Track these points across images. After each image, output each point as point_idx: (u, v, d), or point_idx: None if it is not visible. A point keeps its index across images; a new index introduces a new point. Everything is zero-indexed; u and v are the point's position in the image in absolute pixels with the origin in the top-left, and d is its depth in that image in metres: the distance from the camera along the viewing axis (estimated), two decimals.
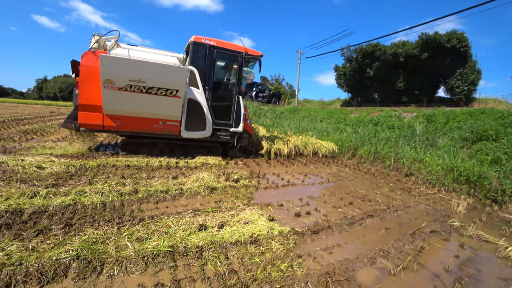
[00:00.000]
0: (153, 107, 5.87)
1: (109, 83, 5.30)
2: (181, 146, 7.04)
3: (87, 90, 5.54)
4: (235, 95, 7.04)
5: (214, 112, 6.74)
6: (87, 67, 5.49)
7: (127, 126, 5.96)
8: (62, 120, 13.73)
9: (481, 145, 7.78)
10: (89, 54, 5.56)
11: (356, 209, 4.25)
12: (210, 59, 6.53)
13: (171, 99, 5.82)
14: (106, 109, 5.63)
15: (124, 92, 5.46)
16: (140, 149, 6.61)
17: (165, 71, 5.59)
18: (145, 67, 5.43)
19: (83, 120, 5.66)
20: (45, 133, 8.88)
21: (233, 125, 7.07)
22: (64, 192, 3.51)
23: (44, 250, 2.25)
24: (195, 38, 6.38)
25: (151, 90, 5.61)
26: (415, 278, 2.52)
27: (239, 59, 6.86)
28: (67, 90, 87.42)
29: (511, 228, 4.04)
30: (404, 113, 14.58)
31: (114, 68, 5.24)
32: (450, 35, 17.15)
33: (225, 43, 6.72)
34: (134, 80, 5.41)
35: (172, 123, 6.22)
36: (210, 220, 3.10)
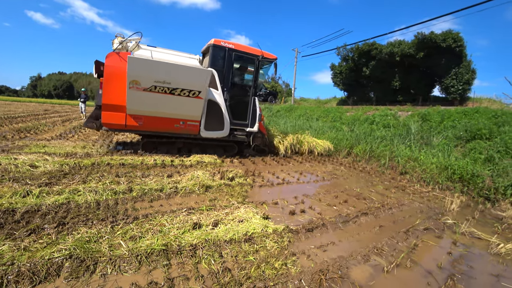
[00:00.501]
0: (176, 107, 6.03)
1: (134, 84, 5.43)
2: (198, 145, 7.23)
3: (111, 90, 5.67)
4: (251, 96, 7.27)
5: (232, 113, 6.96)
6: (111, 68, 5.63)
7: (149, 125, 6.10)
8: (57, 119, 13.63)
9: (475, 143, 7.85)
10: (113, 55, 5.68)
11: (350, 207, 4.27)
12: (229, 62, 6.73)
13: (193, 100, 6.01)
14: (130, 109, 5.76)
15: (149, 92, 5.60)
16: (159, 148, 6.79)
17: (190, 73, 5.77)
18: (170, 68, 5.58)
19: (107, 119, 5.78)
20: (38, 131, 8.80)
21: (249, 125, 7.32)
22: (58, 191, 3.48)
23: (37, 249, 2.23)
24: (215, 41, 6.56)
25: (175, 91, 5.77)
26: (408, 275, 2.54)
27: (256, 61, 7.09)
28: (61, 88, 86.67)
29: (503, 225, 4.09)
30: (399, 112, 14.65)
31: (141, 69, 5.38)
32: (445, 34, 17.29)
33: (243, 46, 6.95)
34: (159, 81, 5.55)
35: (193, 123, 6.43)
36: (204, 219, 3.10)
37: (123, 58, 5.65)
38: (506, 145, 6.98)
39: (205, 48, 7.07)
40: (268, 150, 8.55)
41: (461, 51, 17.49)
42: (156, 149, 6.75)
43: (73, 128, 10.51)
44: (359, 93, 24.65)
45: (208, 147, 7.35)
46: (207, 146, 7.34)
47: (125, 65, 5.46)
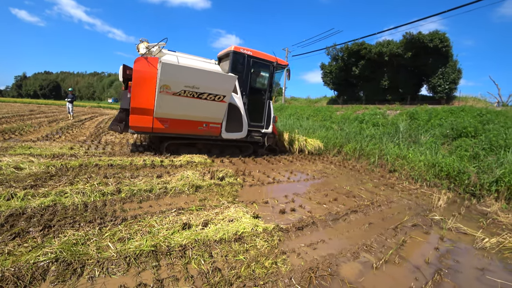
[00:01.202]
0: (201, 110, 6.33)
1: (165, 88, 5.67)
2: (217, 146, 7.62)
3: (139, 94, 5.83)
4: (267, 100, 7.78)
5: (249, 115, 7.40)
6: (139, 72, 5.76)
7: (174, 128, 6.38)
8: (43, 119, 13.31)
9: (461, 141, 8.03)
10: (141, 60, 5.82)
11: (340, 205, 4.32)
12: (247, 67, 7.15)
13: (218, 103, 6.34)
14: (158, 112, 5.97)
15: (178, 97, 5.86)
16: (181, 150, 7.09)
17: (217, 78, 6.07)
18: (199, 74, 5.86)
19: (134, 122, 5.95)
20: (24, 133, 8.57)
21: (264, 127, 7.85)
22: (43, 193, 3.40)
23: (21, 253, 2.17)
24: (235, 48, 6.92)
25: (202, 95, 6.06)
26: (396, 270, 2.58)
27: (271, 67, 7.59)
28: (48, 88, 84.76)
29: (488, 221, 4.20)
30: (388, 110, 14.88)
31: (172, 74, 5.60)
32: (432, 35, 17.62)
33: (260, 53, 7.38)
34: (189, 86, 5.81)
35: (215, 125, 6.79)
36: (194, 219, 3.07)
37: (151, 63, 5.85)
38: (491, 142, 7.17)
39: (223, 54, 7.46)
40: (279, 149, 9.10)
41: (448, 51, 17.87)
42: (177, 151, 7.03)
43: (60, 128, 10.29)
44: (349, 92, 24.90)
45: (226, 148, 7.76)
46: (225, 147, 7.74)
47: (153, 70, 5.78)
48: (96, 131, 10.50)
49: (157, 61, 5.80)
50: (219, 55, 7.77)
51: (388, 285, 2.34)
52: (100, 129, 11.57)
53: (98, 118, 18.40)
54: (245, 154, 7.98)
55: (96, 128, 11.87)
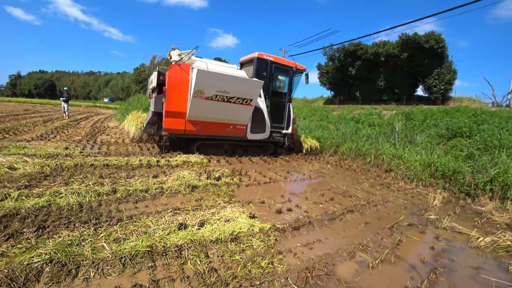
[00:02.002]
0: (230, 113, 6.75)
1: (199, 93, 6.04)
2: (241, 146, 8.04)
3: (173, 99, 6.24)
4: (287, 102, 8.29)
5: (271, 117, 7.87)
6: (174, 78, 6.19)
7: (205, 130, 6.81)
8: (38, 119, 13.20)
9: (456, 141, 8.10)
10: (175, 66, 6.25)
11: (337, 204, 4.33)
12: (270, 72, 7.63)
13: (245, 106, 6.77)
14: (191, 115, 6.39)
15: (210, 101, 6.26)
16: (209, 150, 7.50)
17: (245, 84, 6.51)
18: (230, 80, 6.28)
19: (168, 125, 6.36)
20: (18, 132, 8.48)
21: (284, 128, 8.33)
22: (38, 193, 3.37)
23: (15, 254, 2.14)
24: (259, 54, 7.41)
25: (231, 99, 6.46)
26: (392, 270, 2.59)
27: (291, 72, 8.11)
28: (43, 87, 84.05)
29: (482, 220, 4.24)
30: (384, 111, 14.96)
31: (207, 80, 5.99)
32: (428, 36, 17.74)
33: (280, 59, 7.90)
34: (220, 91, 6.20)
35: (241, 127, 7.26)
36: (190, 219, 3.06)
37: (184, 70, 6.28)
38: (485, 142, 7.24)
39: (245, 60, 8.00)
40: (296, 149, 9.58)
41: (443, 52, 18.01)
42: (205, 151, 7.43)
43: (55, 128, 10.20)
44: (345, 92, 24.99)
45: (249, 148, 8.21)
46: (248, 147, 8.18)
47: (186, 76, 6.25)
48: (91, 131, 10.43)
49: (189, 67, 6.29)
50: (241, 61, 8.26)
51: (384, 284, 2.35)
52: (96, 128, 11.50)
53: (93, 117, 18.28)
54: (267, 154, 8.45)
55: (92, 127, 11.79)
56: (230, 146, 7.85)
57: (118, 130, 11.65)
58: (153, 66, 47.07)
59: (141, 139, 8.76)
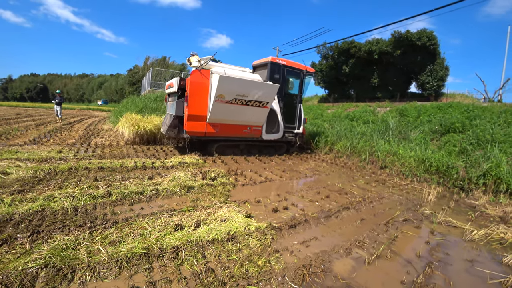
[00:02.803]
0: (247, 115, 7.13)
1: (220, 98, 6.40)
2: (256, 147, 8.37)
3: (194, 103, 6.54)
4: (298, 104, 8.66)
5: (284, 118, 8.26)
6: (195, 83, 6.49)
7: (223, 132, 7.15)
8: (30, 123, 13.06)
9: (449, 137, 8.19)
10: (196, 72, 6.54)
11: (333, 202, 4.35)
12: (283, 75, 8.00)
13: (262, 109, 7.18)
14: (212, 118, 6.71)
15: (229, 104, 6.63)
16: (226, 150, 7.82)
17: (263, 88, 6.88)
18: (248, 84, 6.67)
19: (190, 128, 6.65)
20: (10, 137, 8.38)
21: (296, 128, 8.72)
22: (31, 198, 3.33)
23: (9, 260, 2.12)
24: (272, 58, 7.80)
25: (249, 103, 6.86)
26: (388, 265, 2.61)
27: (301, 75, 8.48)
28: (35, 90, 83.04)
29: (476, 213, 4.30)
30: (378, 108, 15.06)
31: (227, 85, 6.36)
32: (420, 33, 17.91)
33: (292, 62, 8.28)
34: (240, 95, 6.59)
35: (257, 128, 7.64)
36: (186, 220, 3.05)
37: (204, 75, 6.59)
38: (478, 137, 7.34)
39: (258, 63, 8.32)
40: (306, 147, 10.01)
41: (435, 49, 18.20)
42: (224, 151, 7.76)
43: (48, 132, 10.09)
44: (339, 90, 25.11)
45: (263, 148, 8.52)
46: (262, 147, 8.49)
47: (206, 81, 6.57)
48: (85, 134, 10.34)
49: (209, 72, 6.63)
50: (254, 64, 8.58)
51: (381, 279, 2.37)
52: (90, 131, 11.40)
53: (87, 120, 18.12)
54: (280, 153, 8.80)
55: (86, 130, 11.69)
56: (246, 146, 8.17)
57: (112, 132, 11.56)
58: (146, 67, 46.76)
59: (135, 141, 8.70)
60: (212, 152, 7.49)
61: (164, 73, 25.85)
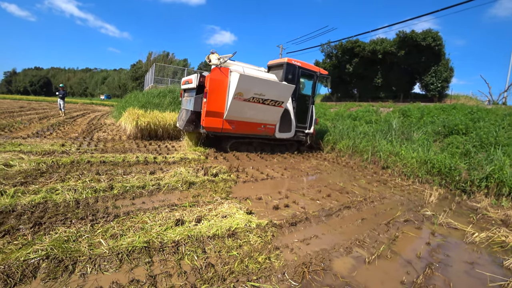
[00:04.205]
0: (263, 114, 7.31)
1: (239, 95, 6.57)
2: (268, 145, 8.54)
3: (213, 100, 6.69)
4: (310, 104, 8.84)
5: (296, 118, 8.41)
6: (214, 81, 6.64)
7: (239, 129, 7.32)
8: (33, 116, 13.11)
9: (452, 138, 8.14)
10: (216, 70, 6.68)
11: (334, 201, 4.35)
12: (297, 77, 8.15)
13: (277, 108, 7.36)
14: (229, 115, 6.88)
15: (247, 102, 6.80)
16: (240, 147, 8.01)
17: (280, 87, 7.13)
18: (266, 84, 6.86)
19: (208, 124, 6.80)
20: (13, 129, 8.42)
21: (307, 128, 8.89)
22: (34, 190, 3.36)
23: (11, 251, 2.14)
24: (288, 60, 7.97)
25: (266, 101, 7.03)
26: (388, 265, 2.61)
27: (315, 77, 8.64)
28: (38, 84, 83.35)
29: (478, 216, 4.28)
30: (381, 108, 15.00)
31: (247, 84, 6.54)
32: (425, 33, 17.79)
33: (306, 64, 8.41)
34: (257, 94, 6.76)
35: (271, 127, 7.82)
36: (187, 215, 3.06)
37: (223, 73, 6.74)
38: (481, 139, 7.29)
39: (274, 64, 8.48)
40: (316, 147, 10.13)
41: (440, 49, 18.09)
42: (238, 148, 7.95)
43: (51, 125, 10.13)
44: (342, 89, 25.04)
45: (275, 146, 8.69)
46: (274, 145, 8.67)
47: (225, 79, 6.73)
48: (88, 128, 10.37)
49: (228, 71, 6.78)
50: (270, 64, 8.72)
51: (380, 279, 2.37)
52: (92, 125, 11.43)
53: (90, 114, 18.17)
54: (291, 151, 8.92)
55: (88, 124, 11.72)
56: (259, 144, 8.33)
57: (114, 127, 11.59)
58: (149, 62, 46.78)
59: (137, 136, 8.72)
60: (226, 148, 7.66)
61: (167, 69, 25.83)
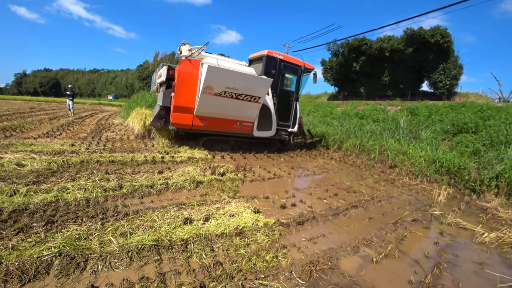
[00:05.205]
0: (238, 110, 6.77)
1: (208, 89, 6.03)
2: (247, 143, 8.10)
3: (181, 94, 6.21)
4: (294, 101, 8.27)
5: (278, 115, 7.86)
6: (183, 73, 6.14)
7: (212, 126, 6.81)
8: (43, 116, 13.33)
9: (461, 137, 8.04)
10: (185, 61, 6.19)
11: (341, 200, 4.34)
12: (279, 70, 7.61)
13: (253, 104, 6.79)
14: (199, 111, 6.35)
15: (218, 97, 6.25)
16: (215, 146, 7.57)
17: (254, 81, 6.52)
18: (240, 77, 6.30)
19: (176, 120, 6.33)
20: (24, 130, 8.59)
21: (291, 126, 8.33)
22: (46, 189, 3.43)
23: (25, 248, 2.19)
24: (268, 52, 7.38)
25: (240, 96, 6.46)
26: (396, 264, 2.60)
27: (299, 71, 8.06)
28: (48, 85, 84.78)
29: (487, 216, 4.22)
30: (388, 106, 14.86)
31: (216, 77, 6.00)
32: (434, 30, 17.54)
33: (289, 57, 7.85)
34: (229, 88, 6.22)
35: (248, 124, 7.26)
36: (195, 214, 3.10)
37: (194, 65, 6.21)
38: (491, 138, 7.18)
39: (254, 57, 7.90)
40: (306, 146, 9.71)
41: (449, 46, 17.80)
42: (212, 146, 7.48)
43: (61, 125, 10.30)
44: (349, 88, 24.86)
45: (255, 145, 8.24)
46: (254, 144, 8.21)
47: (196, 71, 6.18)
48: (96, 128, 10.52)
49: (199, 63, 6.21)
50: (251, 58, 8.17)
51: (388, 278, 2.36)
52: (101, 125, 11.59)
53: (98, 115, 18.41)
54: (272, 151, 8.45)
55: (97, 125, 11.88)
56: (236, 142, 7.90)
57: (122, 127, 11.73)
58: (156, 62, 47.20)
59: (145, 136, 8.81)
60: (199, 146, 7.25)
61: None
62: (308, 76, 8.58)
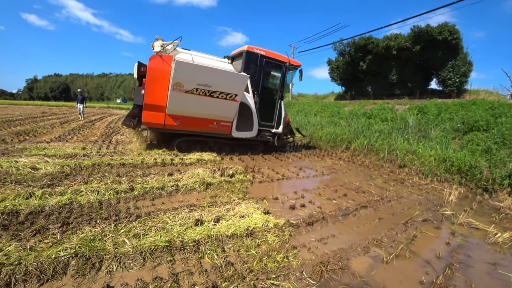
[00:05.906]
0: (213, 109, 6.34)
1: (178, 86, 5.69)
2: (227, 144, 7.63)
3: (152, 91, 5.86)
4: (278, 100, 7.79)
5: (260, 115, 7.41)
6: (153, 70, 5.81)
7: (186, 125, 6.39)
8: (55, 121, 13.60)
9: (472, 135, 7.91)
10: (156, 57, 5.88)
11: (350, 200, 4.33)
12: (260, 67, 7.17)
13: (230, 102, 6.37)
14: (170, 109, 6.00)
15: (190, 94, 5.90)
16: (193, 147, 7.15)
17: (229, 77, 6.14)
18: (212, 73, 5.90)
19: (147, 119, 6.00)
20: (37, 134, 8.79)
21: (274, 127, 7.85)
22: (60, 191, 3.51)
23: (42, 249, 2.26)
24: (248, 47, 6.96)
25: (214, 94, 6.10)
26: (407, 265, 2.59)
27: (283, 68, 7.63)
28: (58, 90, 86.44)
29: (500, 215, 4.15)
30: (397, 105, 14.71)
31: (186, 72, 5.64)
32: (441, 27, 17.30)
33: (273, 53, 7.40)
34: (201, 84, 5.86)
35: (225, 124, 6.80)
36: (206, 215, 3.14)
37: (166, 61, 5.90)
38: (503, 136, 7.05)
39: (236, 53, 7.51)
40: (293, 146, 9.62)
41: (458, 43, 17.54)
42: (189, 148, 7.09)
43: (72, 129, 10.51)
44: (356, 87, 24.69)
45: (236, 146, 7.79)
46: (235, 145, 7.76)
47: (168, 68, 5.82)
48: (106, 131, 10.70)
49: (171, 59, 5.82)
50: (232, 54, 7.85)
51: (399, 279, 2.36)
52: (111, 129, 11.77)
53: (107, 118, 18.70)
54: (256, 152, 7.94)
55: (107, 128, 12.08)
56: (215, 143, 7.49)
57: (132, 130, 11.88)
58: None
59: (152, 139, 8.90)
60: (173, 147, 6.87)
61: None
62: (294, 73, 8.24)
